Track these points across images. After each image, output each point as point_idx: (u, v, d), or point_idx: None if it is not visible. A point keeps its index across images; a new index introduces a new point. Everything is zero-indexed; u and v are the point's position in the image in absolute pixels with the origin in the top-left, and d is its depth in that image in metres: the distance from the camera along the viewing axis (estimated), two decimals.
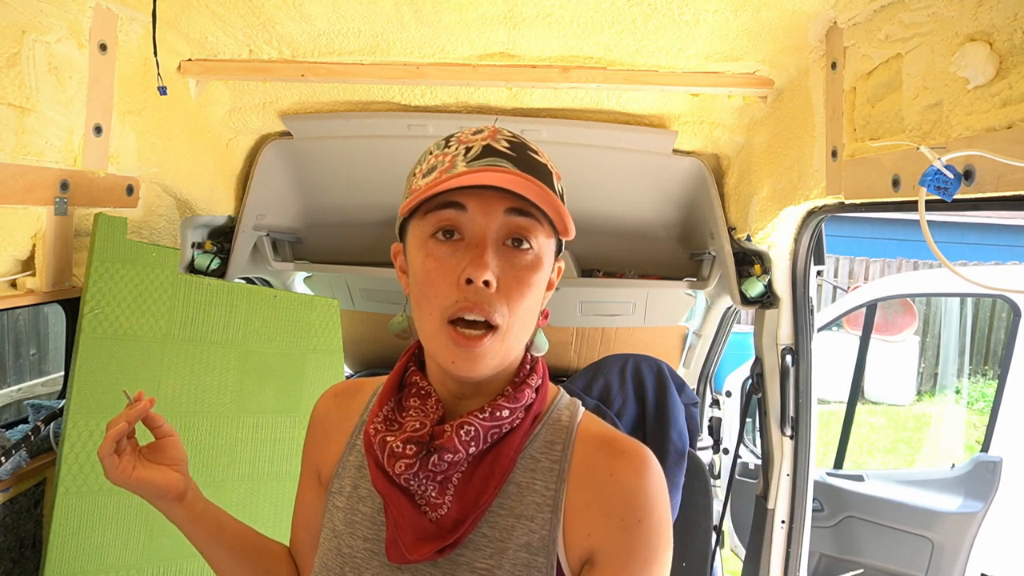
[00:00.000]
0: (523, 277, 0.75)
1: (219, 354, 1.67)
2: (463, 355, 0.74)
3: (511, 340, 0.76)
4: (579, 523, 0.76)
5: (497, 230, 0.75)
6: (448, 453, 0.75)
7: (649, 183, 2.07)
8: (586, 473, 0.78)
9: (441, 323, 0.74)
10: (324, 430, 0.93)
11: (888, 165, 1.16)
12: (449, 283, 0.74)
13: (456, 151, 0.77)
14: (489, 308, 0.73)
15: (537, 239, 0.76)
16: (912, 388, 7.71)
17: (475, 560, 0.75)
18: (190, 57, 1.60)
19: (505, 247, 0.75)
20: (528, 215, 0.75)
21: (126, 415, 0.90)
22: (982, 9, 0.93)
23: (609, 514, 0.75)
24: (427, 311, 0.76)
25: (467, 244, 0.74)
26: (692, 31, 1.41)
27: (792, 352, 1.92)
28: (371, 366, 3.06)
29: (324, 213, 2.26)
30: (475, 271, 0.72)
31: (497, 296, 0.73)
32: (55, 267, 1.41)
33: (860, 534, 3.00)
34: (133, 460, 0.90)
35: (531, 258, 0.76)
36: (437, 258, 0.75)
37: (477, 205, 0.74)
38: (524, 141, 0.79)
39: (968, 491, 2.93)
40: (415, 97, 1.75)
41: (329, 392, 0.97)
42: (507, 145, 0.77)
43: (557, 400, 0.86)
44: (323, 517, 0.88)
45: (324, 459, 0.92)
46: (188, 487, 0.93)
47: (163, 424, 0.95)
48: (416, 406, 0.81)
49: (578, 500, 0.77)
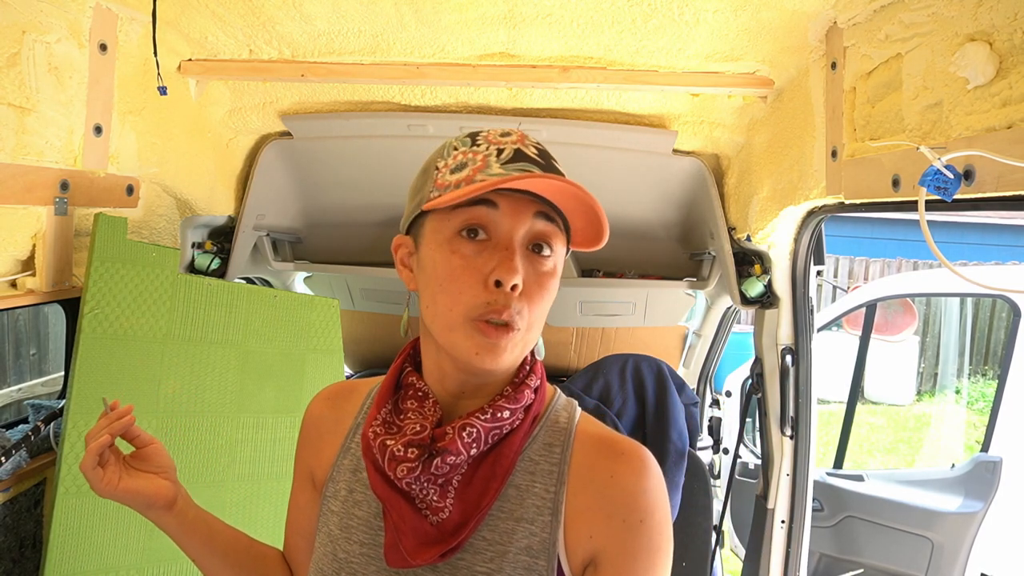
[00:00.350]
0: (544, 283, 0.76)
1: (219, 354, 1.67)
2: (488, 346, 0.73)
3: (527, 341, 0.77)
4: (580, 525, 0.76)
5: (526, 234, 0.75)
6: (451, 455, 0.74)
7: (649, 183, 2.07)
8: (586, 475, 0.77)
9: (464, 319, 0.74)
10: (318, 432, 0.92)
11: (888, 165, 1.16)
12: (476, 282, 0.74)
13: (487, 151, 0.76)
14: (512, 311, 0.73)
15: (555, 246, 0.77)
16: (912, 388, 7.71)
17: (475, 564, 0.75)
18: (190, 57, 1.60)
19: (528, 252, 0.76)
20: (552, 221, 0.76)
21: (108, 428, 0.87)
22: (982, 9, 0.93)
23: (611, 516, 0.75)
24: (447, 307, 0.75)
25: (494, 245, 0.74)
26: (692, 31, 1.41)
27: (792, 352, 1.92)
28: (371, 366, 3.06)
29: (324, 213, 2.26)
30: (506, 274, 0.72)
31: (519, 300, 0.74)
32: (55, 267, 1.41)
33: (860, 534, 2.99)
34: (118, 471, 0.88)
35: (551, 265, 0.77)
36: (464, 256, 0.74)
37: (509, 206, 0.74)
38: (544, 148, 0.80)
39: (968, 491, 2.93)
40: (415, 97, 1.75)
41: (322, 394, 0.96)
42: (535, 151, 0.77)
43: (554, 401, 0.85)
44: (318, 521, 0.87)
45: (318, 462, 0.91)
46: (177, 495, 0.91)
47: (141, 434, 0.91)
48: (414, 408, 0.80)
49: (578, 503, 0.76)
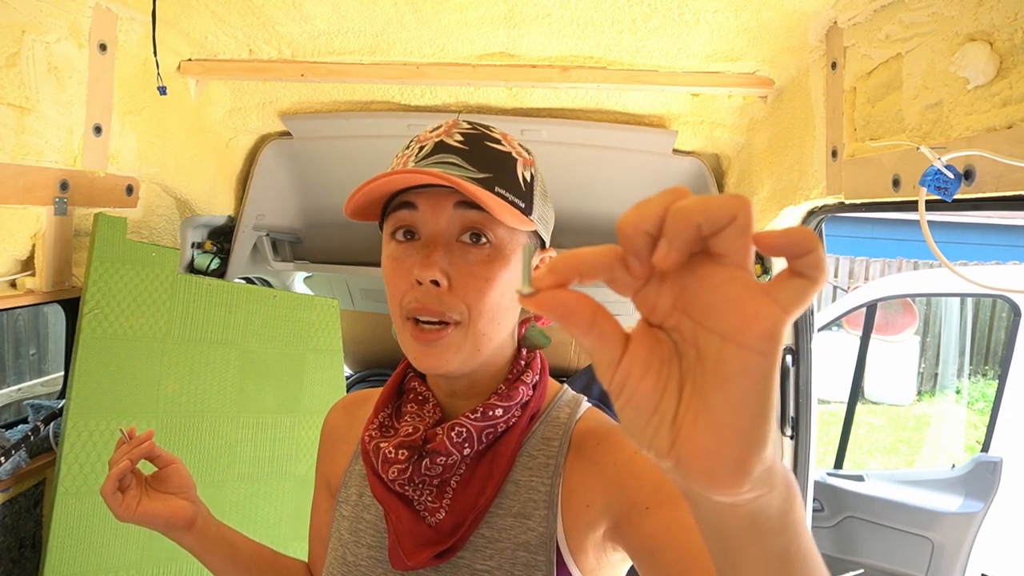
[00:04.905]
0: (478, 272, 0.73)
1: (219, 354, 1.66)
2: (425, 350, 0.73)
3: (477, 334, 0.74)
4: (575, 504, 0.74)
5: (449, 227, 0.74)
6: (440, 456, 0.74)
7: (649, 183, 2.07)
8: (577, 461, 0.77)
9: (403, 321, 0.74)
10: (333, 440, 0.94)
11: (888, 165, 1.16)
12: (405, 283, 0.73)
13: (411, 152, 0.76)
14: (441, 307, 0.72)
15: (495, 232, 0.74)
16: (912, 388, 7.71)
17: (475, 562, 0.75)
18: (190, 57, 1.60)
19: (461, 243, 0.74)
20: (481, 208, 0.73)
21: (129, 453, 0.87)
22: (982, 9, 0.93)
23: (599, 475, 0.74)
24: (392, 310, 0.76)
25: (422, 243, 0.74)
26: (692, 31, 1.41)
27: (792, 352, 1.92)
28: (371, 366, 3.06)
29: (324, 213, 2.26)
30: (421, 271, 0.71)
31: (451, 295, 0.72)
32: (55, 267, 1.41)
33: (860, 534, 3.00)
34: (138, 495, 0.89)
35: (488, 252, 0.74)
36: (395, 258, 0.75)
37: (427, 203, 0.74)
38: (484, 131, 0.77)
39: (968, 491, 2.93)
40: (415, 97, 1.75)
41: (339, 403, 0.98)
42: (460, 139, 0.75)
43: (558, 397, 0.84)
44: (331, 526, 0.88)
45: (333, 469, 0.92)
46: (197, 514, 0.91)
47: (162, 454, 0.92)
48: (413, 411, 0.81)
49: (571, 484, 0.76)
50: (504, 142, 0.78)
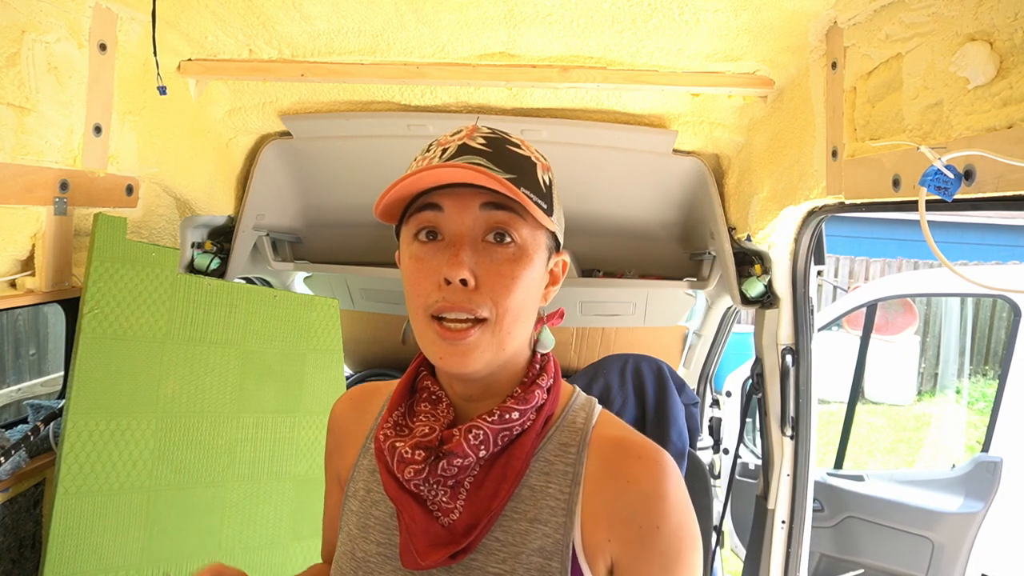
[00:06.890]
0: (504, 271, 0.74)
1: (219, 354, 1.66)
2: (450, 349, 0.73)
3: (502, 333, 0.75)
4: (599, 529, 0.75)
5: (475, 227, 0.74)
6: (457, 458, 0.75)
7: (649, 183, 2.07)
8: (602, 478, 0.77)
9: (427, 320, 0.74)
10: (341, 433, 0.94)
11: (888, 165, 1.16)
12: (431, 283, 0.74)
13: (433, 154, 0.77)
14: (470, 305, 0.72)
15: (520, 232, 0.75)
16: (912, 388, 7.71)
17: (488, 565, 0.75)
18: (190, 57, 1.60)
19: (486, 243, 0.75)
20: (506, 208, 0.74)
21: None
22: (982, 9, 0.93)
23: (627, 522, 0.74)
24: (413, 311, 0.76)
25: (447, 243, 0.74)
26: (692, 31, 1.41)
27: (792, 352, 1.92)
28: (371, 366, 3.06)
29: (324, 213, 2.26)
30: (450, 270, 0.72)
31: (479, 293, 0.73)
32: (55, 267, 1.41)
33: (860, 534, 3.00)
34: None
35: (512, 251, 0.75)
36: (419, 259, 0.75)
37: (453, 204, 0.74)
38: (504, 136, 0.79)
39: (968, 491, 2.93)
40: (415, 97, 1.75)
41: (345, 396, 0.98)
42: (483, 142, 0.76)
43: (572, 400, 0.85)
44: (340, 520, 0.88)
45: (342, 462, 0.92)
46: None
47: None
48: (427, 411, 0.81)
49: (595, 505, 0.76)
50: (523, 146, 0.79)
